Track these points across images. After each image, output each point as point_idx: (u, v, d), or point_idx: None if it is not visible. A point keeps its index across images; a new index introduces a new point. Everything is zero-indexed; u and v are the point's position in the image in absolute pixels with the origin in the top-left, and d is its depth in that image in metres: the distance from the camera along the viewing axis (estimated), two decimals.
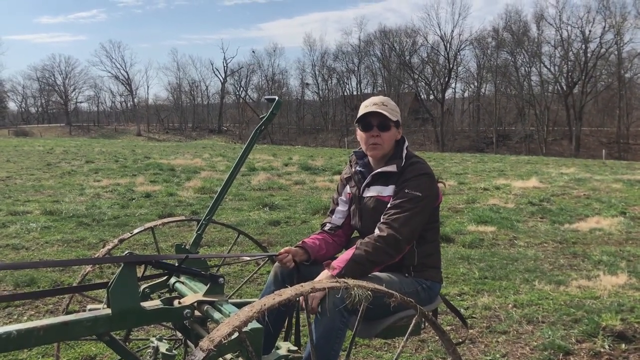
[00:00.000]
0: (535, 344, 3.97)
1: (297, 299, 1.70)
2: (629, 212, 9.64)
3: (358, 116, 2.75)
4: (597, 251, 6.72)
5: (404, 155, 2.72)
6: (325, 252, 2.81)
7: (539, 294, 5.08)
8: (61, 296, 4.88)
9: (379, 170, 2.73)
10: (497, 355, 3.80)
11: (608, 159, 33.84)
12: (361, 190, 2.79)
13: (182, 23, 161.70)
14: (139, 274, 2.18)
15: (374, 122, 2.71)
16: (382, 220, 2.57)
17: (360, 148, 2.88)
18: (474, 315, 4.55)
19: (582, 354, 3.79)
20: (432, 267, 2.72)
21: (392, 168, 2.69)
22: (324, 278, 2.44)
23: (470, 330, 4.20)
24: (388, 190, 2.68)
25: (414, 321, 1.93)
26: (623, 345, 3.90)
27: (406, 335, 1.95)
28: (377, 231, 2.55)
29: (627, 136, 57.44)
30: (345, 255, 2.52)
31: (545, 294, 5.06)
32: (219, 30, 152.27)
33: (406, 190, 2.58)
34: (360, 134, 2.79)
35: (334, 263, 2.50)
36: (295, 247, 2.76)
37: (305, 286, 1.73)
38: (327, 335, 2.29)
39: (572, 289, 5.21)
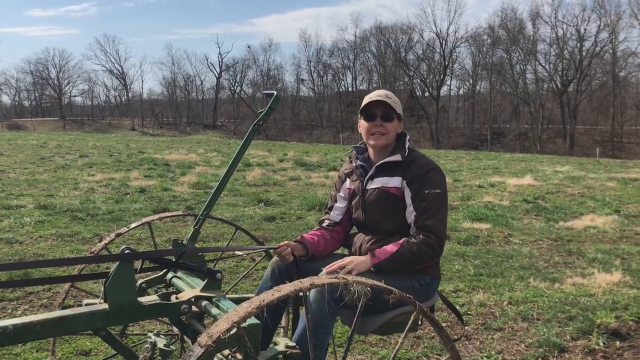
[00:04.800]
0: (531, 341, 3.99)
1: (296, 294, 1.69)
2: (623, 210, 9.68)
3: (362, 106, 2.77)
4: (591, 249, 6.74)
5: (406, 146, 2.76)
6: (323, 248, 2.81)
7: (534, 291, 5.09)
8: (56, 290, 4.87)
9: (383, 160, 2.74)
10: (493, 352, 3.81)
11: (602, 157, 33.95)
12: (365, 183, 2.80)
13: (175, 17, 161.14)
14: (136, 269, 2.17)
15: (378, 113, 2.74)
16: (418, 227, 2.60)
17: (361, 143, 2.91)
18: (469, 312, 4.56)
19: (577, 351, 3.81)
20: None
21: (396, 158, 2.71)
22: (363, 261, 2.50)
23: (466, 327, 4.21)
24: (393, 182, 2.69)
25: (412, 318, 1.93)
26: (617, 343, 3.92)
27: (404, 332, 1.94)
28: (420, 235, 2.57)
29: (620, 135, 57.65)
30: (389, 248, 2.55)
31: (540, 292, 5.08)
32: (212, 25, 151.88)
33: (426, 191, 2.61)
34: (363, 124, 2.80)
35: (377, 252, 2.54)
36: (293, 241, 2.75)
37: (305, 282, 1.72)
38: (313, 325, 2.27)
39: (567, 287, 5.23)
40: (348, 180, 2.91)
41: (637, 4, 56.68)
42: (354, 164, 2.89)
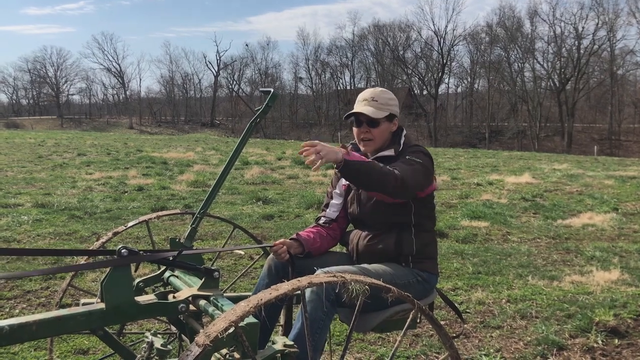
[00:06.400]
0: (529, 339, 3.98)
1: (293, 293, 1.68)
2: (621, 208, 9.69)
3: (347, 113, 2.77)
4: (589, 247, 6.75)
5: (402, 142, 2.73)
6: (319, 245, 2.80)
7: (532, 289, 5.09)
8: (53, 289, 4.85)
9: (377, 155, 2.73)
10: (491, 350, 3.81)
11: (600, 155, 33.98)
12: None
13: (171, 15, 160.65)
14: (133, 268, 2.16)
15: (363, 119, 2.73)
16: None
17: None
18: (467, 310, 4.56)
19: (576, 349, 3.81)
20: (430, 257, 2.71)
21: (390, 152, 2.71)
22: (335, 150, 2.37)
23: (464, 325, 4.20)
24: None
25: (411, 316, 1.92)
26: (616, 341, 3.92)
27: (403, 330, 1.94)
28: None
29: (618, 133, 57.71)
30: (364, 158, 2.54)
31: (538, 289, 5.07)
32: (209, 23, 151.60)
33: (407, 157, 2.59)
34: (354, 128, 2.81)
35: (353, 153, 2.52)
36: (289, 239, 2.75)
37: (302, 281, 1.71)
38: (309, 325, 2.26)
39: (566, 285, 5.23)
40: None
41: (635, 2, 56.74)
42: None
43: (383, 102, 2.73)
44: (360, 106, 2.73)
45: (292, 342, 1.98)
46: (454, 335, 3.67)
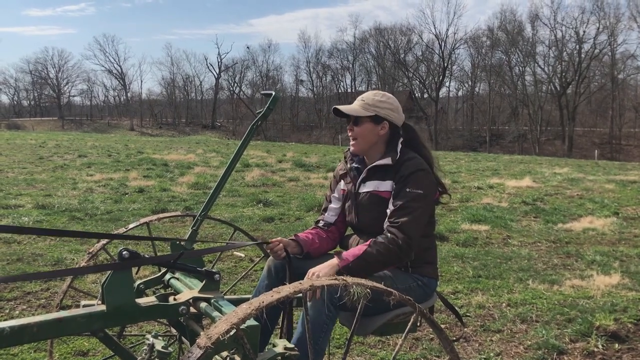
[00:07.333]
0: (529, 343, 3.98)
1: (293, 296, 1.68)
2: (621, 212, 9.67)
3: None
4: (590, 251, 6.74)
5: (398, 149, 2.67)
6: (318, 246, 2.78)
7: (532, 293, 5.08)
8: (54, 290, 4.85)
9: (374, 164, 2.69)
10: (491, 354, 3.80)
11: (600, 159, 33.98)
12: (357, 186, 2.76)
13: (173, 18, 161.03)
14: (134, 270, 2.16)
15: (351, 117, 2.71)
16: (390, 223, 2.53)
17: None
18: (468, 314, 4.55)
19: (576, 354, 3.80)
20: (429, 262, 2.69)
21: (387, 161, 2.65)
22: (329, 265, 2.40)
23: (465, 329, 4.20)
24: (385, 185, 2.64)
25: (412, 319, 1.92)
26: (616, 345, 3.91)
27: (404, 333, 1.94)
28: (387, 234, 2.50)
29: (619, 137, 57.73)
30: (356, 251, 2.48)
31: (539, 293, 5.07)
32: (210, 25, 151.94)
33: (407, 190, 2.54)
34: None
35: (344, 254, 2.46)
36: (288, 239, 2.74)
37: (304, 283, 1.71)
38: (312, 329, 2.24)
39: (566, 289, 5.22)
40: (342, 181, 2.88)
41: (636, 6, 56.87)
42: (348, 165, 2.85)
43: (370, 103, 2.69)
44: (341, 105, 2.71)
45: (292, 345, 1.98)
46: (454, 338, 3.66)
